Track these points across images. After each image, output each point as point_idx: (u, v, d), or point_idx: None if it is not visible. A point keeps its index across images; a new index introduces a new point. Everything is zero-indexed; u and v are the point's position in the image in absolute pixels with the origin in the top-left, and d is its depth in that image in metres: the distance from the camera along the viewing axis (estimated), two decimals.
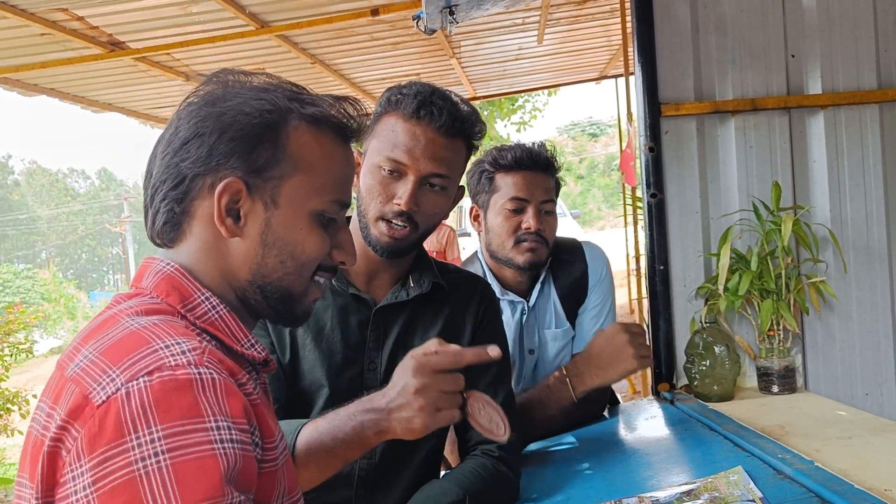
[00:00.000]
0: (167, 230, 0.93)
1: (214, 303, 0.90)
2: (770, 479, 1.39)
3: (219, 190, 0.89)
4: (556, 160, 1.97)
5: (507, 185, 1.91)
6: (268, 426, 0.86)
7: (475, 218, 2.01)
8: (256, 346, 0.93)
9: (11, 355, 6.20)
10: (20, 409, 6.07)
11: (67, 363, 0.81)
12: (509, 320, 1.96)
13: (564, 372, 1.69)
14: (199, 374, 0.76)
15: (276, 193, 0.91)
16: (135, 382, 0.73)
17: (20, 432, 6.45)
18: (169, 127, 0.93)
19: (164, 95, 7.04)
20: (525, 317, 1.98)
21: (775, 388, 2.09)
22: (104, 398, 0.73)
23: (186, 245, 0.93)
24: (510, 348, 1.95)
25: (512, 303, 1.97)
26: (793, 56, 2.26)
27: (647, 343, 1.63)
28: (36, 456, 0.77)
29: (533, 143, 1.95)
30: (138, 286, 0.92)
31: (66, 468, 0.74)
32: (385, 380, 1.42)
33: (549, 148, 1.97)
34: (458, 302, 1.52)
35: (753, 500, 1.24)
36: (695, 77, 2.25)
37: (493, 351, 1.17)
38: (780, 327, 2.09)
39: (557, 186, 1.99)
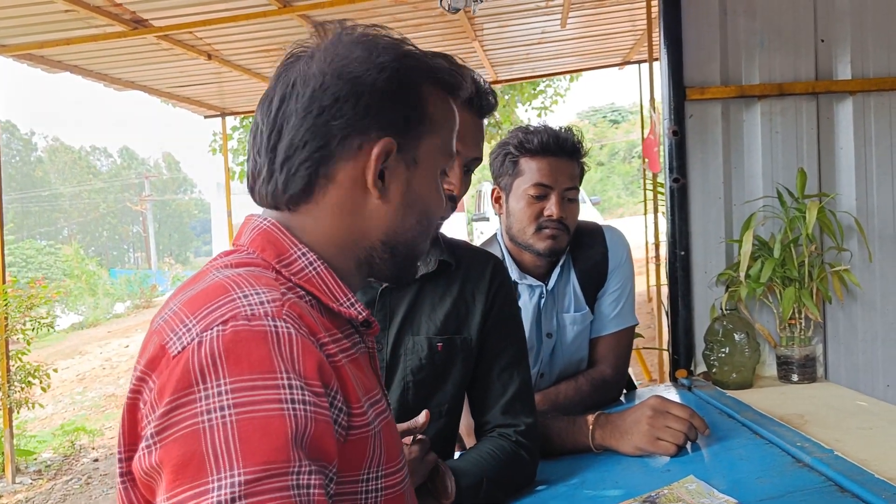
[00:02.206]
0: (300, 194, 0.88)
1: (311, 258, 0.86)
2: (788, 467, 1.38)
3: (376, 152, 0.86)
4: (582, 146, 1.94)
5: (531, 171, 1.88)
6: (353, 390, 0.80)
7: (496, 200, 1.99)
8: (356, 305, 0.88)
9: (33, 329, 6.27)
10: (41, 382, 6.14)
11: (157, 317, 0.80)
12: (527, 304, 1.95)
13: (592, 419, 1.64)
14: (275, 327, 0.72)
15: (416, 153, 0.90)
16: (208, 332, 0.71)
17: (41, 405, 6.54)
18: (306, 80, 0.86)
19: (187, 74, 7.06)
20: (543, 300, 1.96)
21: (795, 378, 2.07)
22: (180, 349, 0.71)
23: (313, 206, 0.88)
24: (528, 332, 1.95)
25: (530, 287, 1.96)
26: (822, 40, 2.22)
27: (680, 430, 1.50)
28: (123, 411, 0.76)
29: (560, 128, 1.92)
30: (237, 243, 0.89)
31: (143, 421, 0.72)
32: (392, 360, 1.42)
33: (575, 133, 1.93)
34: (468, 281, 1.50)
35: None
36: (721, 60, 2.21)
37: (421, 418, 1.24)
38: (802, 316, 2.07)
39: (582, 172, 1.97)
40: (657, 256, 5.86)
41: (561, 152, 1.88)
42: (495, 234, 2.06)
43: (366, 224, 0.89)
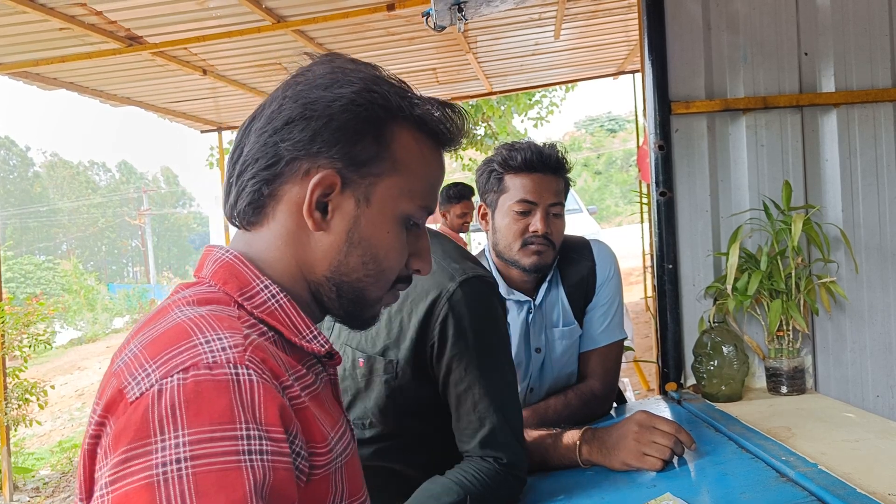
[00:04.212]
0: (249, 211, 0.88)
1: (274, 291, 0.85)
2: (773, 481, 1.38)
3: (314, 181, 0.85)
4: (566, 161, 1.95)
5: (515, 187, 1.89)
6: (318, 430, 0.80)
7: (483, 216, 2.00)
8: (319, 338, 0.88)
9: (30, 346, 6.27)
10: (38, 399, 6.14)
11: (117, 356, 0.78)
12: (515, 319, 1.96)
13: (579, 435, 1.64)
14: (237, 375, 0.70)
15: (371, 192, 0.88)
16: (168, 379, 0.69)
17: (38, 422, 6.54)
18: (270, 103, 0.88)
19: (182, 90, 7.09)
20: (531, 315, 1.97)
21: (784, 389, 2.08)
22: (138, 394, 0.69)
23: (266, 230, 0.89)
24: (516, 347, 1.96)
25: (518, 302, 1.97)
26: (806, 54, 2.24)
27: (666, 445, 1.50)
28: (83, 453, 0.74)
29: (543, 144, 1.93)
30: (198, 275, 0.88)
31: (98, 464, 0.70)
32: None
33: (559, 149, 1.94)
34: (407, 301, 1.39)
35: None
36: (706, 74, 2.23)
37: None
38: (790, 328, 2.08)
39: (567, 187, 1.98)
40: (653, 266, 5.85)
41: (545, 168, 1.89)
42: (483, 251, 2.07)
43: (312, 255, 0.89)
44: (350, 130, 0.85)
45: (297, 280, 0.89)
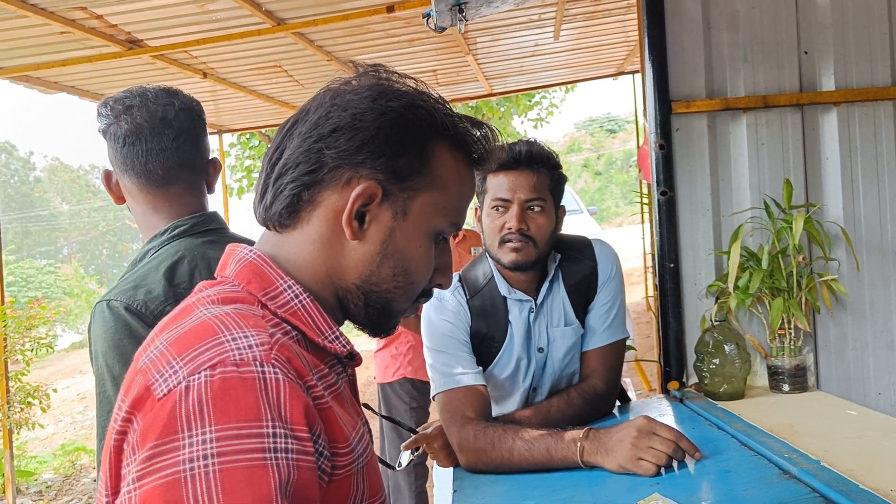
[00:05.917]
0: (284, 214, 0.89)
1: (297, 291, 0.86)
2: (775, 478, 1.39)
3: (357, 192, 0.86)
4: (544, 155, 1.92)
5: (492, 187, 1.92)
6: (340, 430, 0.80)
7: (478, 220, 2.01)
8: (341, 339, 0.89)
9: (32, 350, 6.28)
10: (41, 403, 6.14)
11: (142, 354, 0.79)
12: (517, 319, 1.97)
13: (581, 435, 1.65)
14: (263, 373, 0.71)
15: (408, 205, 0.89)
16: (196, 376, 0.70)
17: (41, 426, 6.54)
18: (316, 108, 0.89)
19: None
20: (533, 315, 1.98)
21: (786, 387, 2.08)
22: (165, 391, 0.70)
23: (298, 233, 0.89)
24: (519, 346, 1.96)
25: (520, 301, 1.98)
26: (806, 53, 2.24)
27: (663, 451, 1.51)
28: (108, 449, 0.75)
29: (518, 141, 1.94)
30: (222, 274, 0.89)
31: (125, 460, 0.71)
32: None
33: (533, 144, 1.93)
34: None
35: None
36: (706, 74, 2.24)
37: None
38: (792, 326, 2.08)
39: (554, 182, 1.95)
40: (654, 266, 5.85)
41: (516, 164, 1.89)
42: (484, 251, 2.07)
43: (344, 262, 0.89)
44: (396, 144, 0.87)
45: (325, 285, 0.90)
